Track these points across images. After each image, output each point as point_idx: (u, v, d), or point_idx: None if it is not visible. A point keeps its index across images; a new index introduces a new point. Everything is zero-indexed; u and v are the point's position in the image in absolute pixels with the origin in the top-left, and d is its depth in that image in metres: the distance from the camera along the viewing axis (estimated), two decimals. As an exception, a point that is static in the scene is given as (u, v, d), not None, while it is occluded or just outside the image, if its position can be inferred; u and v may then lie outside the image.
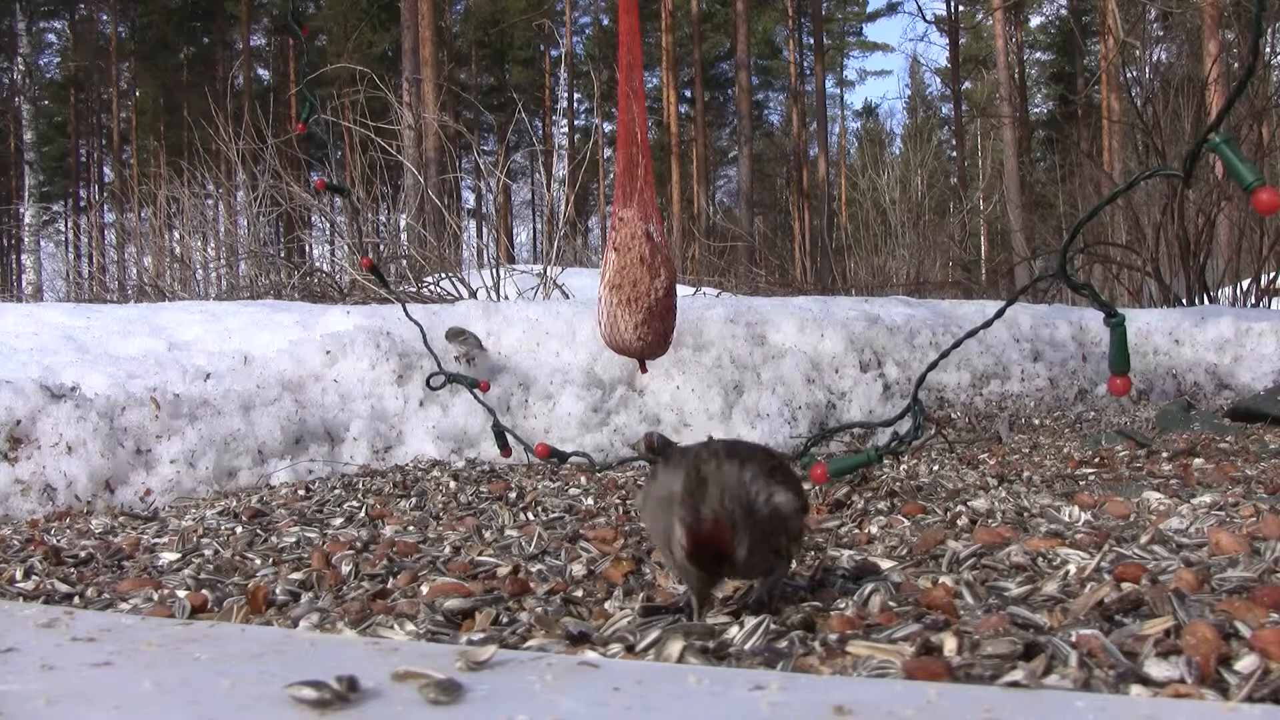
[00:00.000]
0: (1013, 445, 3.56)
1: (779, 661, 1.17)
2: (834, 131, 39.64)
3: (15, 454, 2.92)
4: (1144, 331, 5.44)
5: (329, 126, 8.04)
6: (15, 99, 23.71)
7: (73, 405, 3.02)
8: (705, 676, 1.06)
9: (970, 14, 35.70)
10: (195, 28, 36.75)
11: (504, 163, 8.35)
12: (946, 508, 2.13)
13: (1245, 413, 3.97)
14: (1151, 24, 10.70)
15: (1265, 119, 8.69)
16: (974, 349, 4.84)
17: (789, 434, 3.95)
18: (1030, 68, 36.19)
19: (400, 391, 3.73)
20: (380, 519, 2.40)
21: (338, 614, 1.51)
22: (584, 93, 37.69)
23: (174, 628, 1.39)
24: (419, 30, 17.17)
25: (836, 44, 42.15)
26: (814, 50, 35.83)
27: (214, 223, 10.28)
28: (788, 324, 4.61)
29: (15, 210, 23.07)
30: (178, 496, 3.01)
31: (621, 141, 3.14)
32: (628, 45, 3.13)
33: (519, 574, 1.70)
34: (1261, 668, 1.03)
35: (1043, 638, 1.17)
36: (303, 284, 7.98)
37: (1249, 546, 1.56)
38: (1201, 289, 8.28)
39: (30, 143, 22.69)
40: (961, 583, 1.47)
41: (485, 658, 1.13)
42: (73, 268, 13.29)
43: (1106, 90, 20.11)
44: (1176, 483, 2.41)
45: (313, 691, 0.99)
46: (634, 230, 3.03)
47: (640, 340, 3.04)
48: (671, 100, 34.38)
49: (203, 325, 4.21)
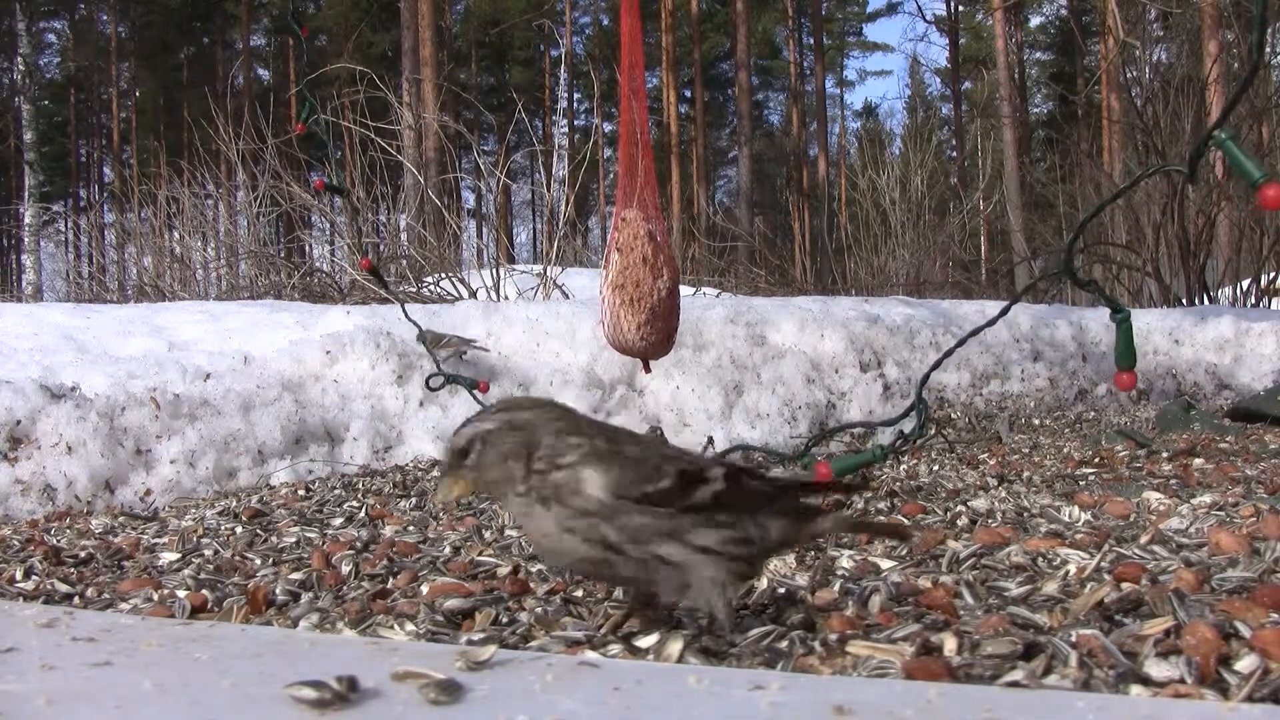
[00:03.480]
0: (1013, 445, 3.56)
1: (779, 661, 1.17)
2: (834, 131, 39.67)
3: (15, 454, 2.92)
4: (1144, 331, 5.44)
5: (329, 126, 8.03)
6: (15, 99, 23.71)
7: (73, 405, 3.02)
8: (705, 676, 1.06)
9: (970, 14, 35.72)
10: (195, 28, 36.77)
11: (504, 163, 8.35)
12: (946, 508, 2.13)
13: (1245, 413, 3.97)
14: (1151, 24, 10.70)
15: (1265, 119, 8.69)
16: (974, 349, 4.84)
17: (789, 434, 3.95)
18: (1030, 68, 36.20)
19: (400, 391, 3.73)
20: (380, 519, 2.40)
21: (338, 614, 1.51)
22: (584, 93, 37.71)
23: (174, 628, 1.39)
24: (419, 30, 17.17)
25: (836, 44, 42.17)
26: (814, 50, 35.84)
27: (214, 223, 10.28)
28: (788, 324, 4.60)
29: (15, 210, 23.07)
30: (178, 496, 3.01)
31: (623, 142, 3.14)
32: (628, 45, 3.13)
33: (519, 574, 1.70)
34: (1261, 668, 1.03)
35: (1043, 638, 1.17)
36: (303, 284, 7.98)
37: (1249, 546, 1.56)
38: (1201, 289, 8.28)
39: (30, 143, 22.69)
40: (961, 583, 1.47)
41: (485, 658, 1.13)
42: (73, 268, 13.29)
43: (1106, 90, 20.11)
44: (1176, 483, 2.41)
45: (313, 691, 0.99)
46: (636, 230, 3.03)
47: (643, 340, 3.04)
48: (671, 100, 34.38)
49: (203, 325, 4.21)
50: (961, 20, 35.10)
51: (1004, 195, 15.82)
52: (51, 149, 35.16)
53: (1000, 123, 21.38)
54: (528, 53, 39.10)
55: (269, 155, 8.56)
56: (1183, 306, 7.58)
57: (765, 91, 44.04)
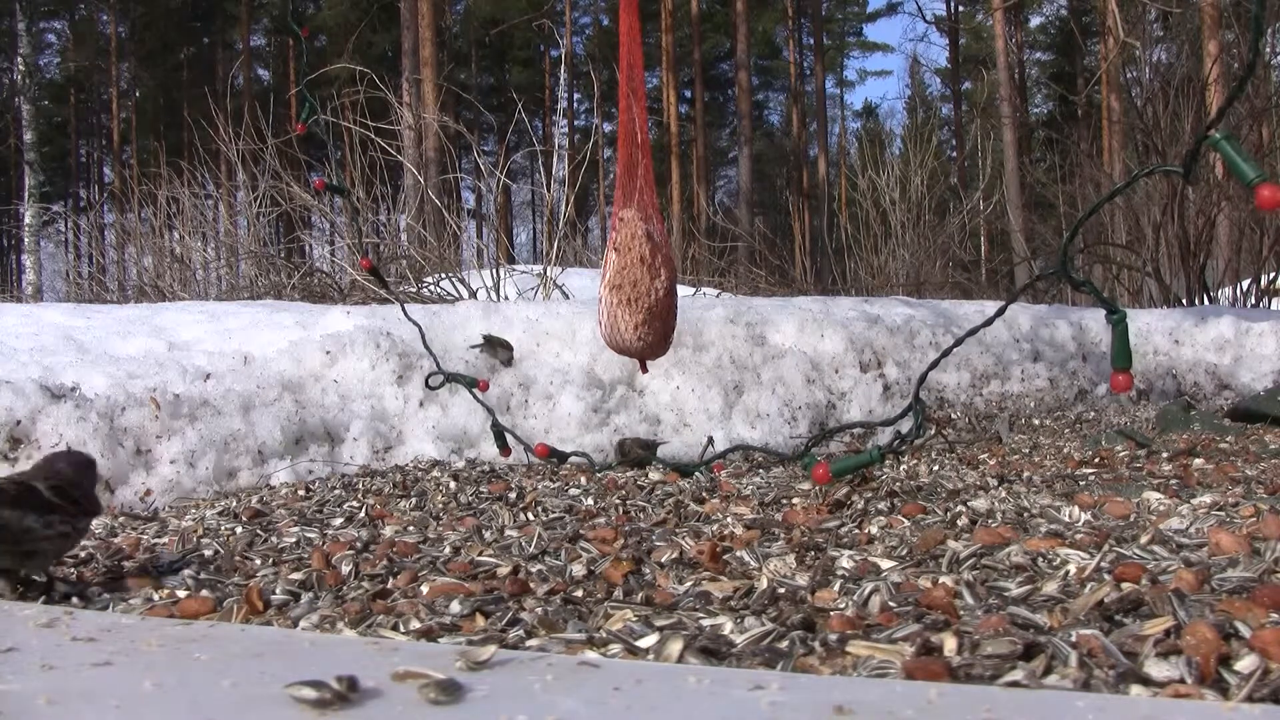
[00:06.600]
0: (1013, 445, 3.56)
1: (779, 661, 1.17)
2: (834, 131, 39.68)
3: (15, 454, 2.92)
4: (1144, 331, 5.44)
5: (329, 127, 8.03)
6: (15, 99, 23.68)
7: (73, 405, 3.02)
8: (705, 676, 1.06)
9: (970, 14, 35.73)
10: (195, 28, 36.77)
11: (504, 163, 8.34)
12: (946, 508, 2.13)
13: (1245, 413, 3.97)
14: (1151, 24, 10.70)
15: (1265, 119, 8.69)
16: (974, 349, 4.84)
17: (789, 434, 3.95)
18: (1030, 68, 36.19)
19: (400, 392, 3.73)
20: (380, 519, 2.40)
21: (338, 614, 1.51)
22: (584, 93, 37.67)
23: (174, 628, 1.39)
24: (419, 30, 17.18)
25: (836, 44, 42.18)
26: (814, 50, 35.86)
27: (214, 223, 10.27)
28: (788, 324, 4.60)
29: (15, 210, 23.05)
30: (178, 497, 3.01)
31: (622, 141, 3.14)
32: (628, 45, 3.13)
33: (519, 574, 1.70)
34: (1261, 668, 1.03)
35: (1043, 638, 1.17)
36: (303, 284, 7.98)
37: (1249, 546, 1.56)
38: (1201, 289, 8.28)
39: (30, 143, 22.67)
40: (961, 583, 1.47)
41: (485, 658, 1.13)
42: (73, 268, 13.27)
43: (1106, 90, 20.11)
44: (1176, 483, 2.41)
45: (313, 691, 0.99)
46: (634, 230, 3.03)
47: (641, 340, 3.04)
48: (671, 100, 34.37)
49: (203, 325, 4.21)
50: (961, 20, 35.11)
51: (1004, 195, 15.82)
52: (51, 149, 35.15)
53: (1000, 123, 21.38)
54: (528, 53, 39.10)
55: (269, 155, 8.55)
56: (1183, 306, 7.58)
57: (765, 91, 44.05)
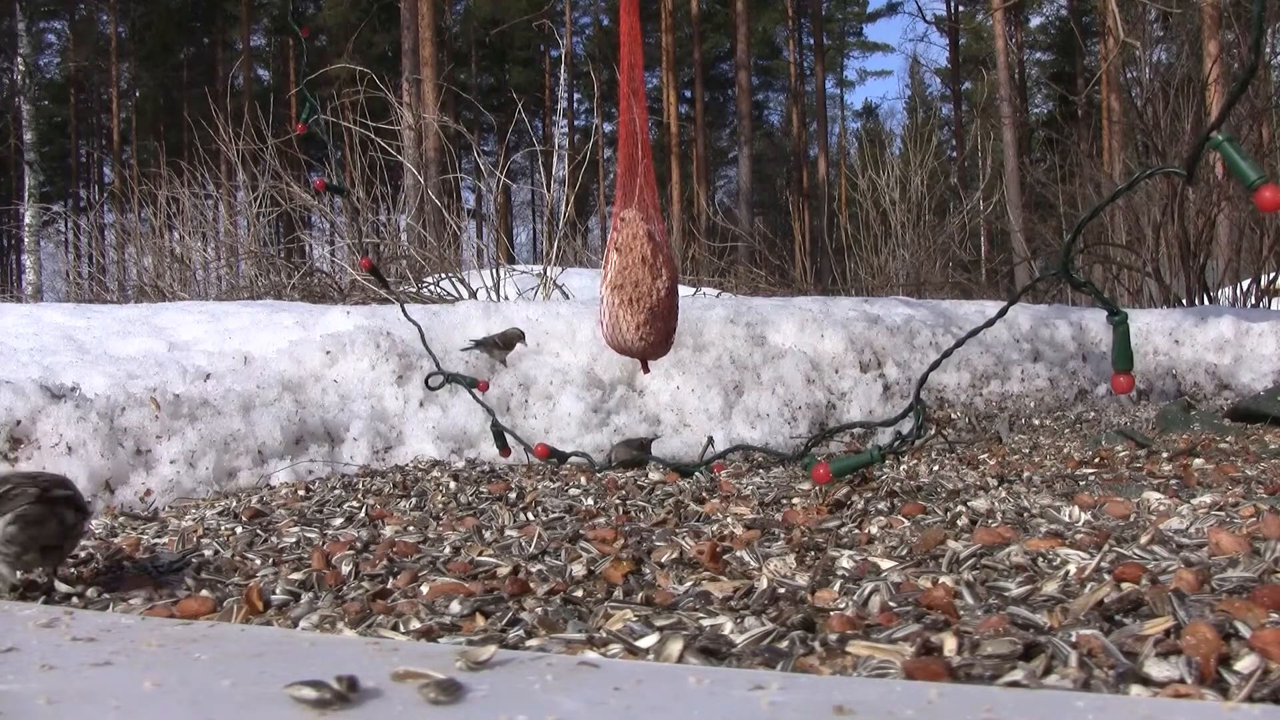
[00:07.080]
0: (1013, 445, 3.56)
1: (779, 661, 1.17)
2: (834, 132, 39.66)
3: (15, 454, 2.92)
4: (1144, 331, 5.44)
5: (329, 127, 8.02)
6: (15, 99, 23.67)
7: (73, 405, 3.02)
8: (705, 676, 1.06)
9: (970, 14, 35.72)
10: (195, 28, 36.76)
11: (504, 163, 8.33)
12: (946, 508, 2.13)
13: (1245, 413, 3.97)
14: (1152, 24, 10.70)
15: (1265, 119, 8.69)
16: (974, 349, 4.84)
17: (789, 434, 3.95)
18: (1030, 68, 36.19)
19: (400, 392, 3.73)
20: (380, 519, 2.40)
21: (338, 614, 1.51)
22: (584, 93, 37.67)
23: (174, 628, 1.39)
24: (419, 30, 17.17)
25: (836, 44, 42.18)
26: (814, 50, 35.86)
27: (214, 223, 10.27)
28: (788, 324, 4.61)
29: (15, 210, 23.04)
30: (178, 497, 3.01)
31: (622, 141, 3.14)
32: (628, 45, 3.13)
33: (519, 574, 1.70)
34: (1261, 668, 1.03)
35: (1043, 638, 1.17)
36: (303, 284, 7.98)
37: (1249, 546, 1.56)
38: (1201, 289, 8.28)
39: (30, 143, 22.66)
40: (961, 583, 1.47)
41: (485, 658, 1.13)
42: (73, 268, 13.26)
43: (1106, 90, 20.10)
44: (1176, 483, 2.41)
45: (313, 691, 0.99)
46: (635, 230, 3.03)
47: (642, 340, 3.04)
48: (671, 100, 34.37)
49: (203, 325, 4.21)
50: (961, 20, 35.09)
51: (1004, 195, 15.81)
52: (51, 149, 35.16)
53: (1000, 123, 21.37)
54: (528, 53, 39.08)
55: (269, 155, 8.54)
56: (1183, 307, 7.58)
57: (765, 91, 44.05)
